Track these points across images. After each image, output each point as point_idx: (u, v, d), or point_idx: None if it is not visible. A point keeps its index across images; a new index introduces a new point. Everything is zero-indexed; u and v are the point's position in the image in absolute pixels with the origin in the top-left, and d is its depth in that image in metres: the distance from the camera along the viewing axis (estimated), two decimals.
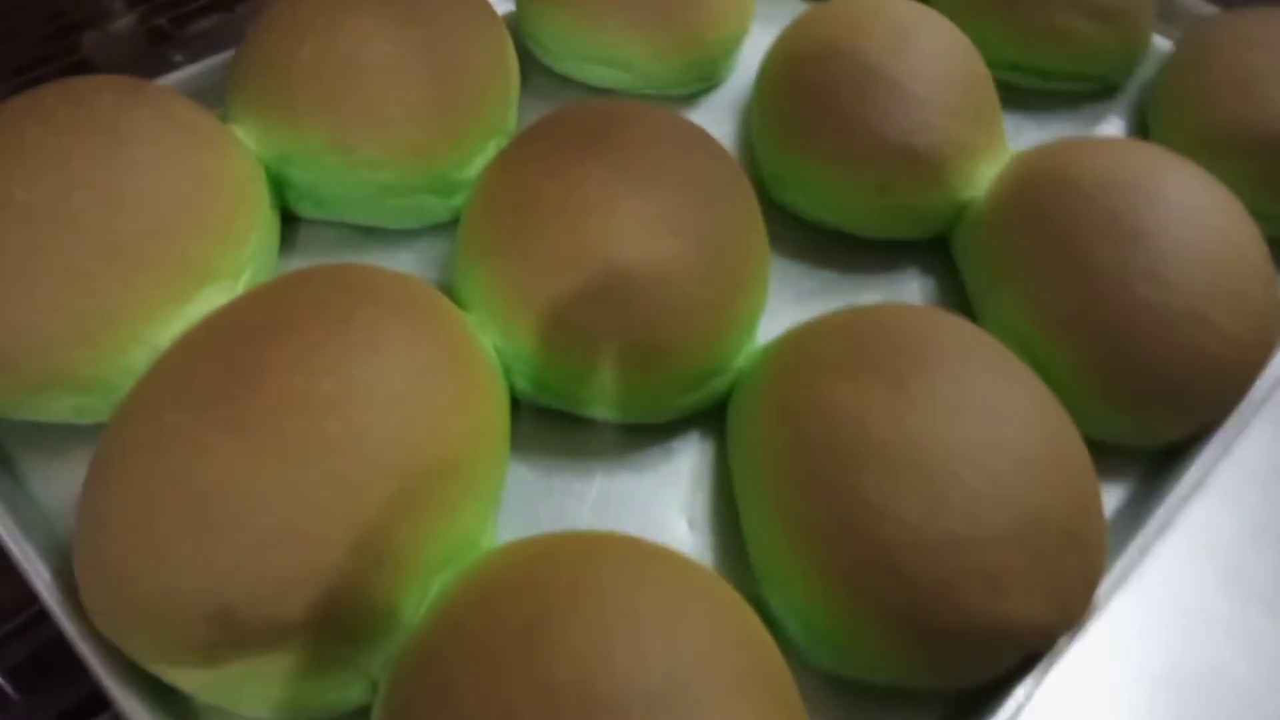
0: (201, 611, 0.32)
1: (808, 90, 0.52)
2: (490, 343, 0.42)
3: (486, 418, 0.39)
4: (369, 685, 0.34)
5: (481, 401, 0.39)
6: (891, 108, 0.50)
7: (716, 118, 0.59)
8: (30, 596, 0.35)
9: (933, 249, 0.53)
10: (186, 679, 0.33)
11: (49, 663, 0.41)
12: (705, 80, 0.60)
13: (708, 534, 0.41)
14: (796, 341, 0.42)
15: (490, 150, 0.50)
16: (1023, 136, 0.60)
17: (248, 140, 0.47)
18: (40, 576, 0.35)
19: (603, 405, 0.42)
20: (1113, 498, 0.45)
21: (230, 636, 0.32)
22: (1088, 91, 0.63)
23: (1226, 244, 0.45)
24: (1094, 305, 0.44)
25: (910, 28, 0.53)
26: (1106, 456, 0.43)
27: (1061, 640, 0.37)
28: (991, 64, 0.60)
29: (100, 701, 0.38)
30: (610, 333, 0.40)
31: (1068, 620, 0.36)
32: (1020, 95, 0.62)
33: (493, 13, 0.53)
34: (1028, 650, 0.36)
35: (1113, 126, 0.62)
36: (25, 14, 0.73)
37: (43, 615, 0.38)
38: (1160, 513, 0.42)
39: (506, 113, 0.52)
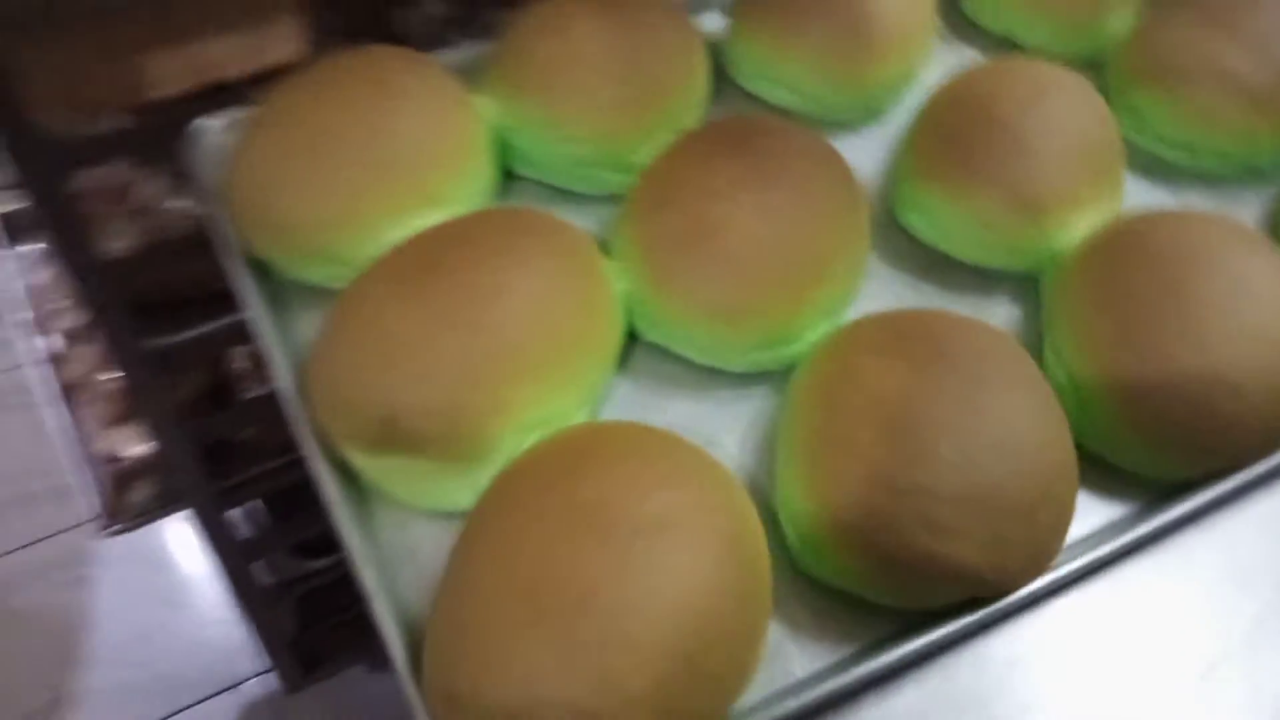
0: (376, 415, 0.47)
1: (941, 128, 0.61)
2: (620, 285, 0.55)
3: (599, 332, 0.52)
4: (475, 495, 0.48)
5: (599, 319, 0.52)
6: (1007, 155, 0.58)
7: (874, 147, 0.68)
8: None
9: (1027, 283, 0.61)
10: (359, 461, 0.49)
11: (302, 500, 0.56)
12: (871, 113, 0.70)
13: (749, 457, 0.52)
14: (855, 325, 0.52)
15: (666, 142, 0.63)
16: (1154, 203, 0.66)
17: (486, 110, 0.63)
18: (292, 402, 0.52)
19: (694, 348, 0.54)
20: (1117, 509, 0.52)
21: (389, 437, 0.47)
22: (1234, 174, 0.67)
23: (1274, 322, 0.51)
24: (1137, 357, 0.51)
25: (1048, 89, 0.61)
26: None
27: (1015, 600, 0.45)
28: (1141, 134, 0.66)
29: (329, 545, 0.53)
30: (702, 291, 0.52)
31: (1003, 578, 0.45)
32: (1165, 167, 0.68)
33: (694, 34, 0.66)
34: (969, 593, 0.45)
35: (1249, 209, 0.66)
36: None
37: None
38: (1141, 529, 0.49)
39: (688, 116, 0.65)
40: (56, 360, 1.05)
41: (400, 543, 0.49)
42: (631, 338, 0.57)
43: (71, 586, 1.54)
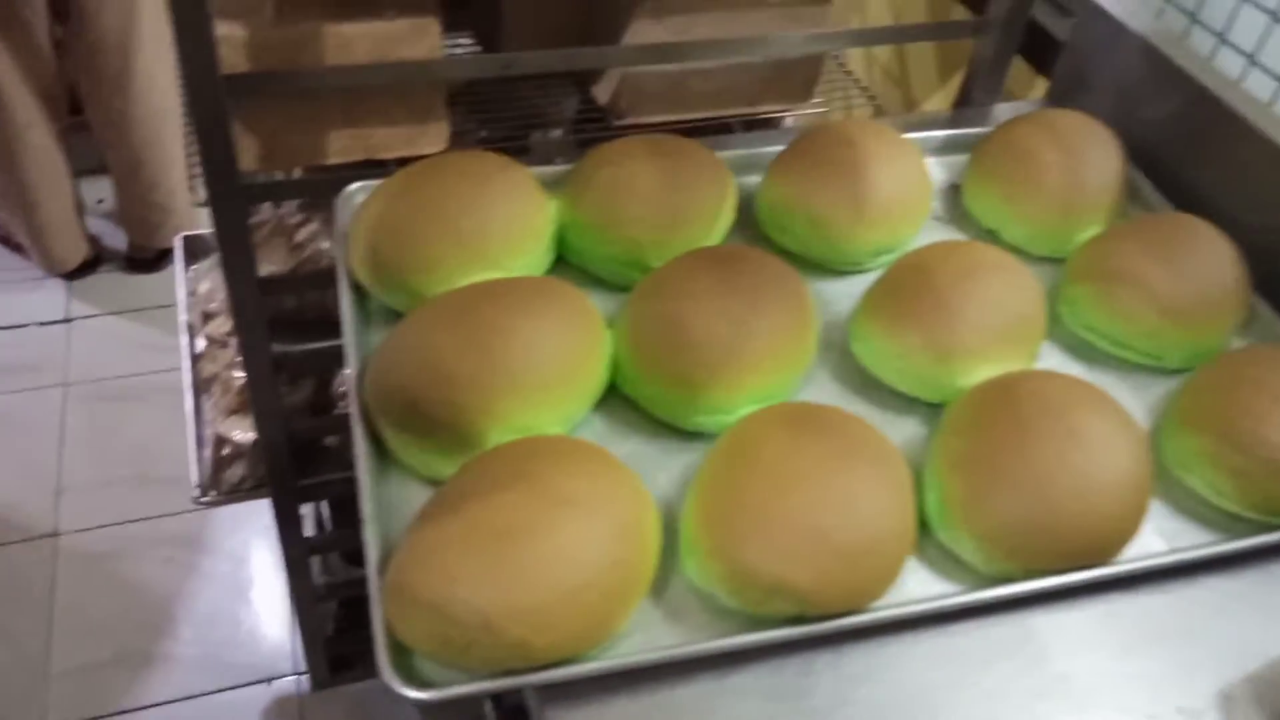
0: (402, 398, 0.66)
1: (892, 282, 0.78)
2: (611, 348, 0.73)
3: (582, 376, 0.70)
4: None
5: (583, 367, 0.70)
6: (932, 311, 0.74)
7: (856, 290, 0.85)
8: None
9: (936, 411, 0.76)
10: (388, 433, 0.67)
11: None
12: (856, 266, 0.87)
13: (673, 491, 0.69)
14: (768, 407, 0.68)
15: None
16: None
17: (554, 210, 0.83)
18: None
19: (653, 404, 0.72)
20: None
21: (410, 417, 0.66)
22: (1145, 365, 0.81)
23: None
24: (984, 481, 0.65)
25: (983, 267, 0.77)
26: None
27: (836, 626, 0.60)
28: (1075, 320, 0.82)
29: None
30: (663, 364, 0.70)
31: (823, 604, 0.59)
32: (1091, 349, 0.82)
33: (725, 183, 0.85)
34: (797, 610, 0.60)
35: (1151, 394, 0.79)
36: (514, 108, 1.17)
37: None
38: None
39: (706, 241, 0.83)
40: (197, 359, 1.29)
41: (401, 496, 0.67)
42: (613, 387, 0.74)
43: (166, 563, 1.77)
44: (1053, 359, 0.82)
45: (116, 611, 1.71)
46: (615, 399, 0.74)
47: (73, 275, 2.36)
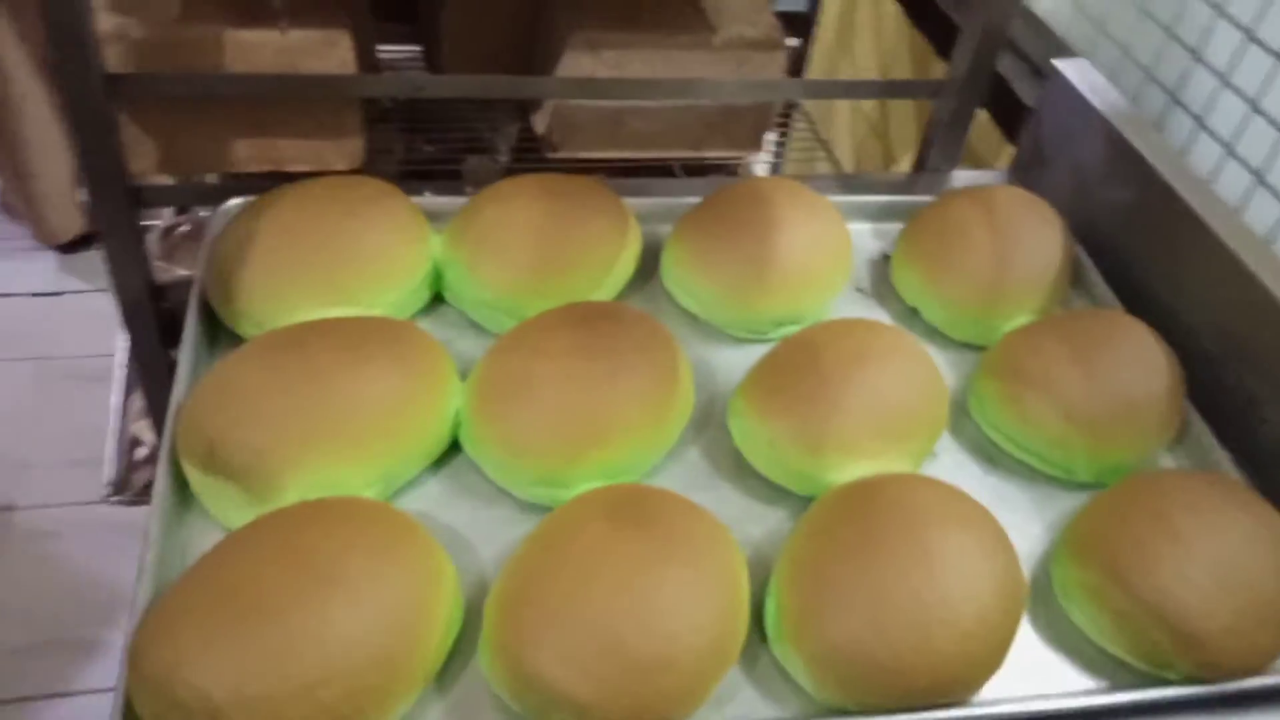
0: (205, 439, 0.61)
1: (777, 359, 0.72)
2: (458, 404, 0.68)
3: (409, 432, 0.64)
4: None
5: (412, 422, 0.64)
6: (809, 397, 0.68)
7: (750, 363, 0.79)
8: None
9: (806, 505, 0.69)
10: (190, 474, 0.62)
11: None
12: (757, 335, 0.81)
13: (491, 567, 0.63)
14: (599, 488, 0.62)
15: None
16: (971, 478, 0.73)
17: (435, 245, 0.77)
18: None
19: (490, 469, 0.66)
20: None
21: (210, 460, 0.60)
22: (1052, 474, 0.74)
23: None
24: (821, 592, 0.58)
25: (876, 353, 0.71)
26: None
27: None
28: (982, 417, 0.75)
29: None
30: (501, 426, 0.64)
31: (604, 715, 0.53)
32: (996, 451, 0.75)
33: (622, 232, 0.79)
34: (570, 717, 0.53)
35: (1055, 508, 0.72)
36: (455, 130, 1.12)
37: None
38: None
39: (594, 293, 0.77)
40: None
41: (205, 544, 0.61)
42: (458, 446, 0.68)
43: (118, 551, 1.74)
44: (953, 458, 0.75)
45: (62, 593, 1.68)
46: (464, 460, 0.69)
47: (67, 248, 2.36)
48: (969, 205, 0.85)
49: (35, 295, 2.28)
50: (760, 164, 1.15)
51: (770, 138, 1.36)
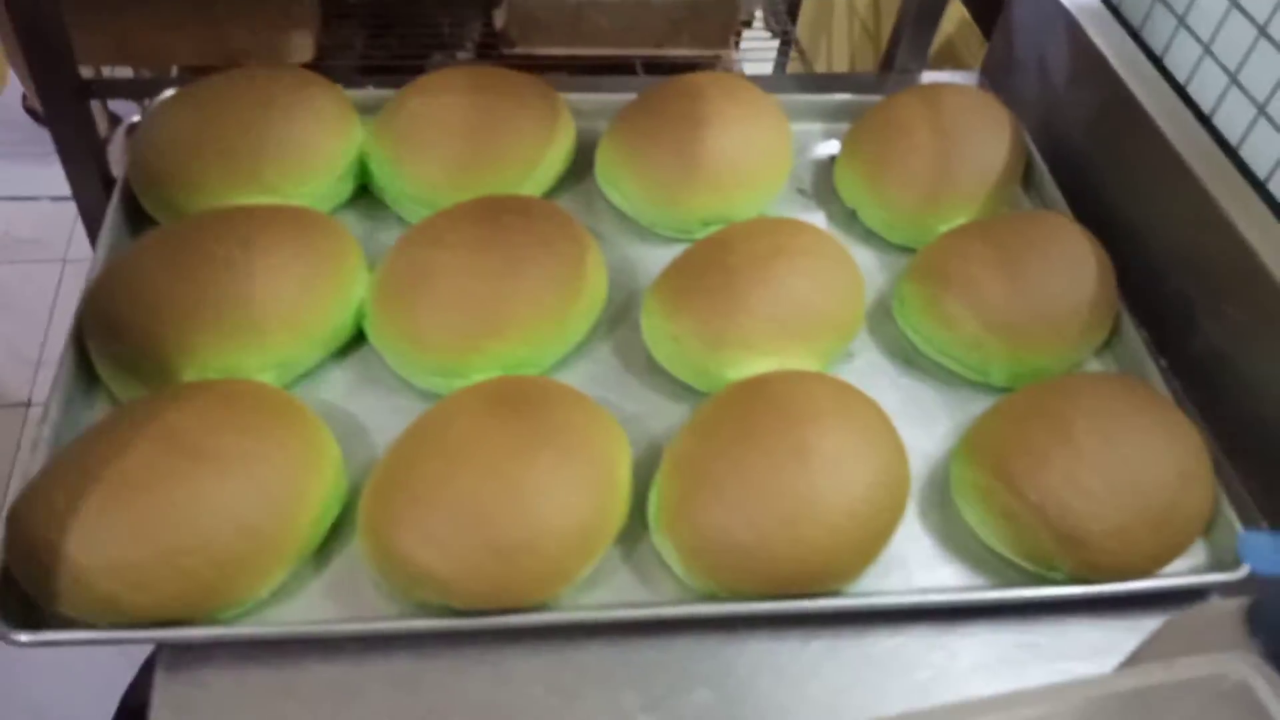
0: (108, 323, 0.62)
1: (690, 257, 0.71)
2: (363, 293, 0.68)
3: (307, 317, 0.65)
4: None
5: (313, 308, 0.65)
6: (712, 294, 0.68)
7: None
8: None
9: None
10: (91, 352, 0.64)
11: None
12: (685, 234, 0.80)
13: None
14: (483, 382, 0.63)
15: None
16: (887, 381, 0.73)
17: (361, 136, 0.77)
18: None
19: (390, 358, 0.67)
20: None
21: (114, 344, 0.62)
22: (969, 377, 0.73)
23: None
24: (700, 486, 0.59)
25: (787, 252, 0.70)
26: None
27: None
28: (903, 318, 0.74)
29: None
30: (400, 317, 0.65)
31: (465, 593, 0.54)
32: (914, 353, 0.74)
33: (554, 125, 0.78)
34: (435, 597, 0.55)
35: (968, 409, 0.71)
36: (420, 27, 1.11)
37: None
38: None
39: (521, 188, 0.77)
40: None
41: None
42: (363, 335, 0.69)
43: None
44: (870, 358, 0.75)
45: None
46: (371, 350, 0.69)
47: None
48: (915, 104, 0.83)
49: (56, 199, 2.33)
50: (734, 65, 1.12)
51: (757, 40, 1.33)
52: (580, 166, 0.83)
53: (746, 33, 1.34)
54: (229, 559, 0.53)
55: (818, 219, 0.84)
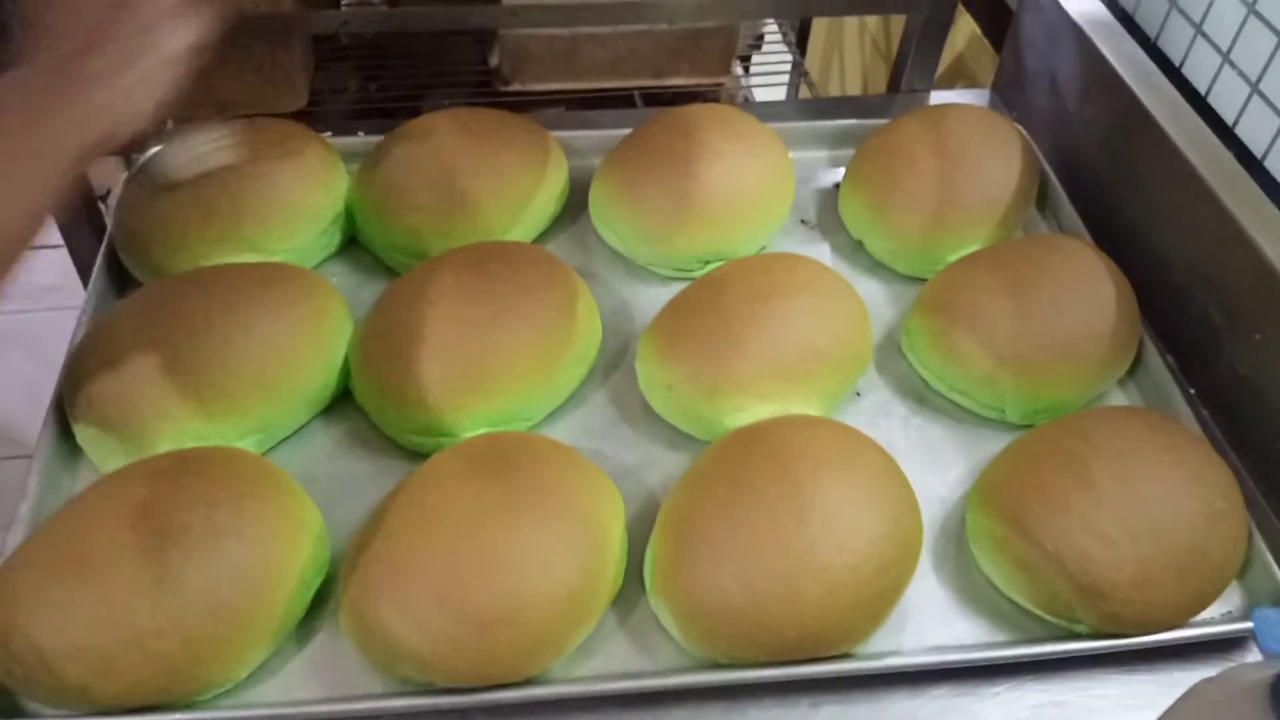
0: (82, 390, 0.61)
1: (685, 300, 0.69)
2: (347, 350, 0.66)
3: (287, 382, 0.63)
4: None
5: (296, 370, 0.63)
6: (707, 337, 0.65)
7: None
8: None
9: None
10: (71, 419, 0.62)
11: None
12: (680, 273, 0.77)
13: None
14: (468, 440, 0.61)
15: None
16: (896, 420, 0.69)
17: (347, 182, 0.76)
18: None
19: (374, 417, 0.65)
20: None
21: (84, 404, 0.61)
22: (982, 413, 0.69)
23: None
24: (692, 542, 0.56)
25: (786, 291, 0.67)
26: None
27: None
28: (912, 353, 0.71)
29: None
30: (383, 374, 0.63)
31: (446, 671, 0.52)
32: (924, 388, 0.71)
33: (543, 169, 0.76)
34: (411, 673, 0.52)
35: (984, 448, 0.68)
36: (414, 66, 1.09)
37: None
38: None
39: (509, 232, 0.75)
40: None
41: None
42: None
43: None
44: (878, 397, 0.71)
45: None
46: (357, 407, 0.67)
47: None
48: (917, 128, 0.79)
49: None
50: (739, 92, 1.10)
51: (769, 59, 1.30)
52: (576, 206, 0.81)
53: (757, 56, 1.31)
54: (201, 640, 0.51)
55: (823, 251, 0.81)
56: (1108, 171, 0.82)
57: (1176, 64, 0.80)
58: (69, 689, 0.50)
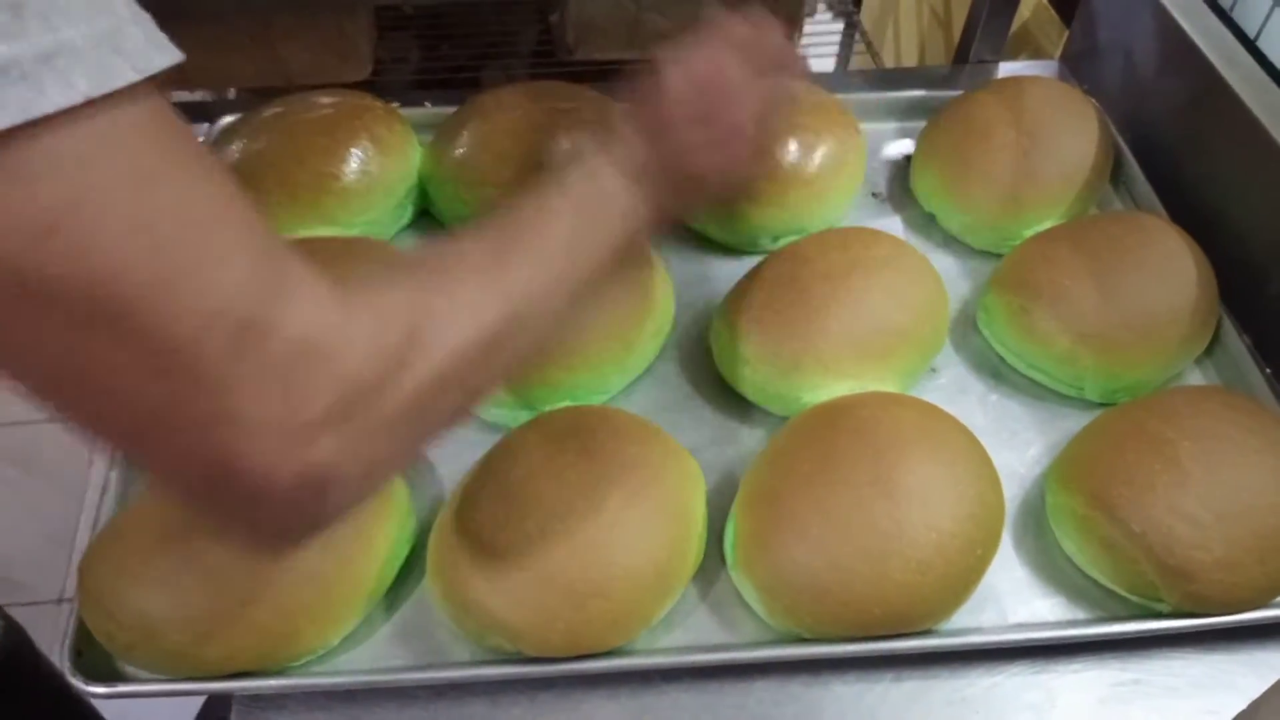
0: None
1: (760, 271, 0.68)
2: None
3: None
4: None
5: None
6: (787, 316, 0.65)
7: None
8: None
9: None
10: None
11: None
12: (752, 245, 0.77)
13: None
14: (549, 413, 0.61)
15: None
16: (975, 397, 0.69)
17: (420, 153, 0.76)
18: None
19: None
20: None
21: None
22: (1062, 390, 0.69)
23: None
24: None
25: (863, 266, 0.66)
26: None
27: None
28: (990, 330, 0.70)
29: None
30: None
31: (537, 641, 0.53)
32: (1003, 366, 0.71)
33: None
34: (509, 642, 0.53)
35: (1061, 427, 0.67)
36: (476, 35, 1.09)
37: None
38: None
39: None
40: None
41: None
42: None
43: None
44: (955, 374, 0.71)
45: None
46: None
47: None
48: (993, 101, 0.78)
49: None
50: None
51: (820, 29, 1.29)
52: None
53: (808, 25, 1.29)
54: (297, 608, 0.52)
55: (894, 224, 0.81)
56: (1183, 146, 0.81)
57: (1251, 36, 0.78)
58: (169, 654, 0.51)
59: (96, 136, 0.29)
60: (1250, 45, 0.78)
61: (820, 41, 1.26)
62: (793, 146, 0.74)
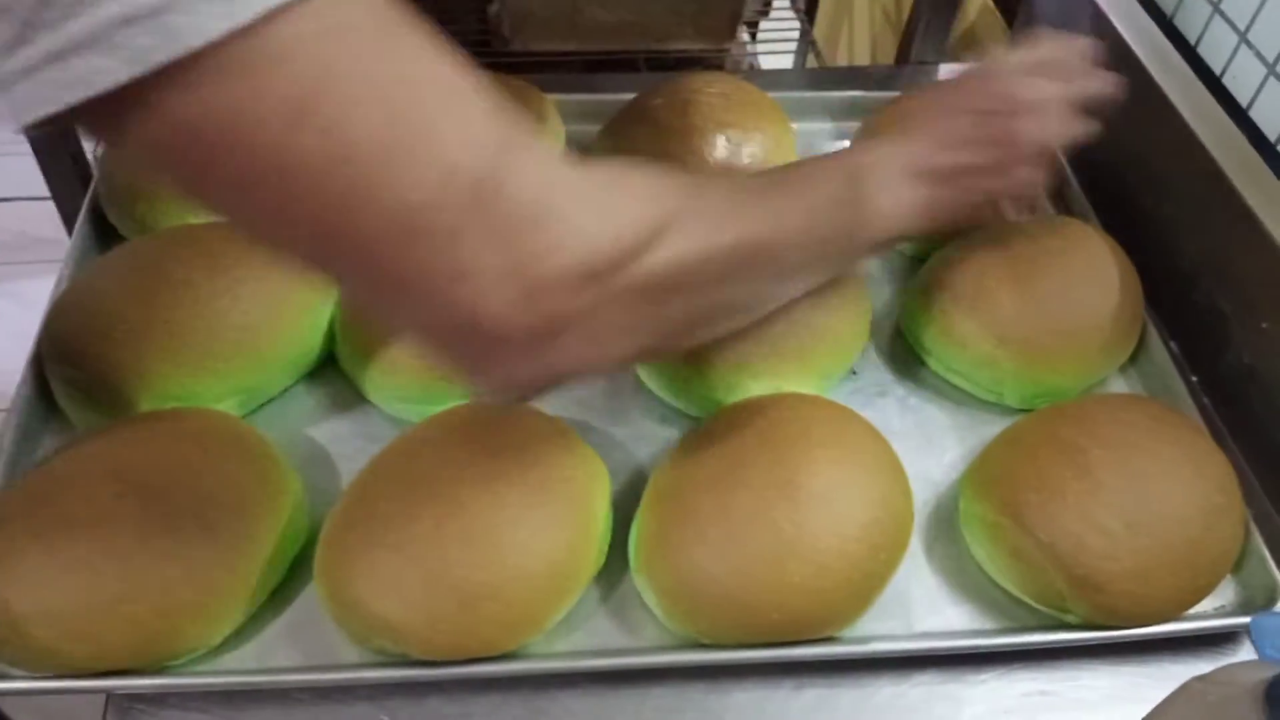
0: (66, 349, 0.59)
1: None
2: (330, 312, 0.65)
3: (266, 340, 0.61)
4: None
5: (270, 332, 0.62)
6: None
7: None
8: None
9: None
10: (49, 375, 0.61)
11: None
12: None
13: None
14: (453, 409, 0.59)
15: None
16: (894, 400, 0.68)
17: None
18: None
19: (360, 380, 0.63)
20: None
21: (61, 359, 0.59)
22: (982, 396, 0.68)
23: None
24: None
25: None
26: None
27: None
28: (911, 334, 0.69)
29: None
30: (355, 334, 0.61)
31: (424, 644, 0.51)
32: (924, 371, 0.70)
33: (545, 131, 0.74)
34: (399, 650, 0.51)
35: (983, 431, 0.66)
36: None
37: None
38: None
39: None
40: None
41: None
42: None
43: None
44: (875, 376, 0.70)
45: None
46: (340, 372, 0.66)
47: None
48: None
49: None
50: (745, 59, 1.08)
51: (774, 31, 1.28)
52: None
53: (764, 23, 1.28)
54: (176, 606, 0.50)
55: None
56: (1116, 153, 0.80)
57: (1192, 42, 0.78)
58: (38, 651, 0.49)
59: (330, 17, 0.31)
60: (1190, 52, 0.77)
61: (777, 44, 1.24)
62: (720, 143, 0.73)
